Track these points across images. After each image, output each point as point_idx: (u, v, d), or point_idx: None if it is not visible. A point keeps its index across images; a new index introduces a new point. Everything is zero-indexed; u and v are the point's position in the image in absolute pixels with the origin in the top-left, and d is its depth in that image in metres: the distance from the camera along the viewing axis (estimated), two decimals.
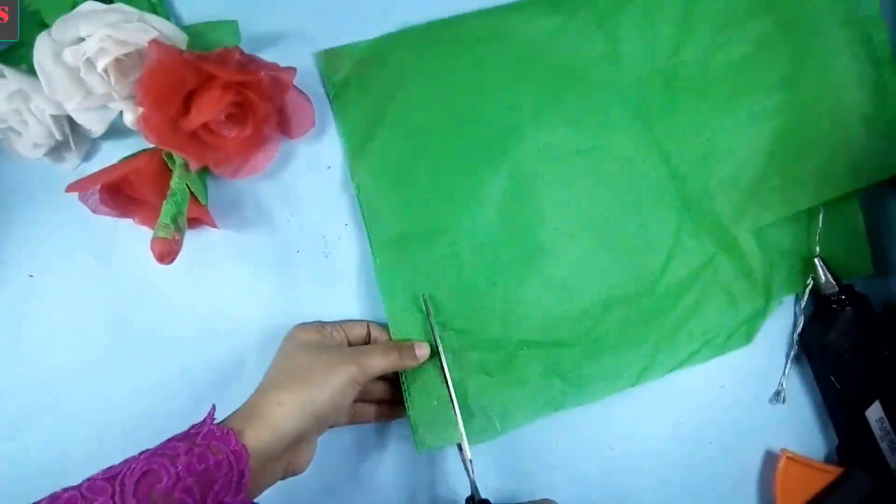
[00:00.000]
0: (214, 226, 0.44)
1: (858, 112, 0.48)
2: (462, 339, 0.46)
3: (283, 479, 0.38)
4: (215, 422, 0.35)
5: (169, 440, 0.34)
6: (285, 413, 0.36)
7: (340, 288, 0.47)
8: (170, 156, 0.42)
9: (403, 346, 0.43)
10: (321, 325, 0.43)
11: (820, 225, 0.48)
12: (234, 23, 0.44)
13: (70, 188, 0.41)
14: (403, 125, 0.46)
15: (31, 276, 0.45)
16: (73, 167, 0.45)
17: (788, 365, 0.49)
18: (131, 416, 0.44)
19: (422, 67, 0.46)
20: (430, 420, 0.44)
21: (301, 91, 0.44)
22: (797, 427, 0.50)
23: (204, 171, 0.44)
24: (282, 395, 0.36)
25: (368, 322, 0.45)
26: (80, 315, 0.45)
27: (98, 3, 0.39)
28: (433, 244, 0.46)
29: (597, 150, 0.47)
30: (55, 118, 0.41)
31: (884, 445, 0.46)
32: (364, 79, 0.46)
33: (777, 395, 0.50)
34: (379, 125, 0.46)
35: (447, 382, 0.43)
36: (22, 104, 0.40)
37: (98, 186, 0.41)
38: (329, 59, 0.46)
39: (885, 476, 0.46)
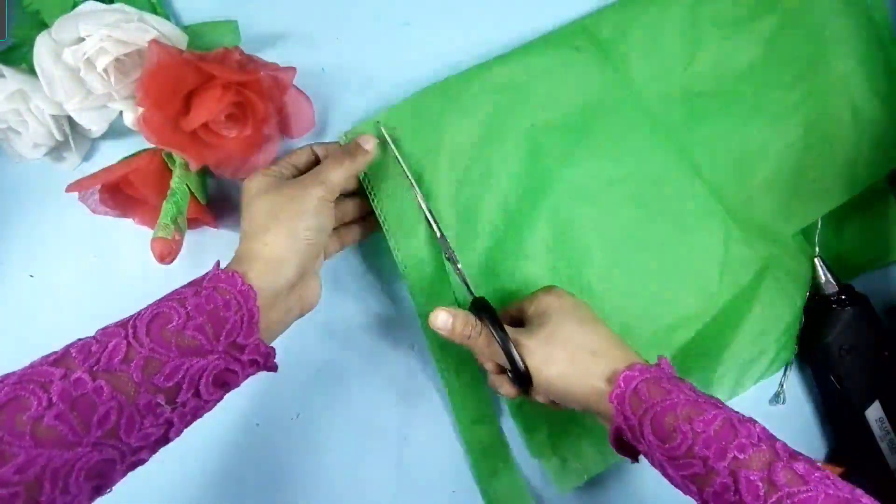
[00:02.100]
0: (214, 226, 0.44)
1: (875, 96, 0.48)
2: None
3: (299, 317, 0.39)
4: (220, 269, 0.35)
5: (176, 288, 0.34)
6: (275, 252, 0.36)
7: (340, 287, 0.46)
8: (170, 156, 0.42)
9: (350, 147, 0.41)
10: (266, 169, 0.41)
11: (819, 226, 0.48)
12: (234, 23, 0.44)
13: (70, 188, 0.41)
14: (436, 196, 0.44)
15: (31, 275, 0.45)
16: (73, 167, 0.45)
17: (788, 365, 0.49)
18: None
19: (445, 130, 0.44)
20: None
21: (301, 91, 0.44)
22: (797, 427, 0.50)
23: (204, 171, 0.44)
24: (264, 237, 0.36)
25: (310, 145, 0.43)
26: (81, 315, 0.45)
27: (98, 3, 0.39)
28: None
29: (630, 177, 0.46)
30: (55, 118, 0.41)
31: (883, 445, 0.46)
32: (389, 152, 0.44)
33: (777, 396, 0.50)
34: (412, 199, 0.44)
35: (423, 207, 0.42)
36: (22, 104, 0.40)
37: (98, 186, 0.41)
38: (352, 137, 0.43)
39: (885, 476, 0.46)
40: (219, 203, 0.46)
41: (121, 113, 0.42)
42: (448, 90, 0.45)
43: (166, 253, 0.38)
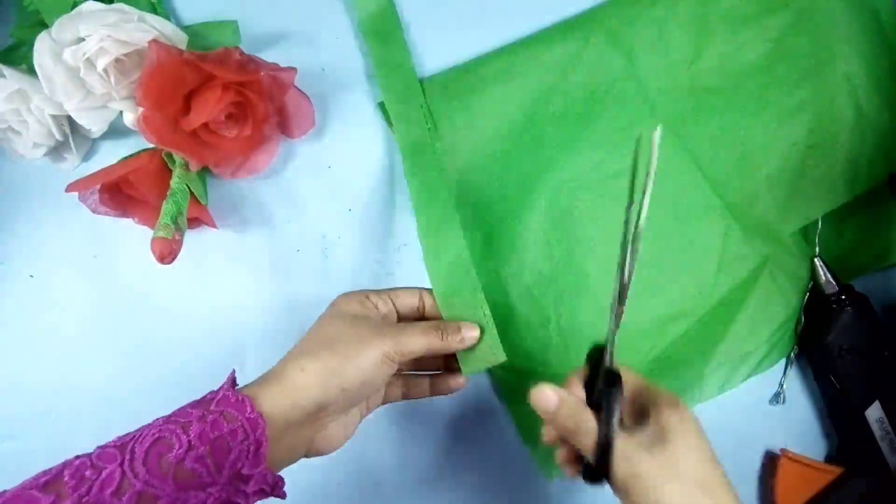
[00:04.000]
0: (214, 226, 0.44)
1: (879, 98, 0.48)
2: (522, 377, 0.46)
3: (306, 456, 0.36)
4: (235, 388, 0.34)
5: (184, 406, 0.33)
6: (306, 380, 0.34)
7: (340, 288, 0.46)
8: (170, 156, 0.42)
9: (448, 327, 0.38)
10: (366, 294, 0.39)
11: (820, 226, 0.48)
12: (234, 23, 0.44)
13: (70, 188, 0.41)
14: (437, 180, 0.45)
15: (31, 276, 0.45)
16: (73, 167, 0.45)
17: (788, 365, 0.49)
18: (131, 416, 0.43)
19: (445, 118, 0.46)
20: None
21: (301, 91, 0.44)
22: (797, 427, 0.50)
23: (204, 171, 0.44)
24: (305, 362, 0.34)
25: (421, 290, 0.41)
26: (81, 315, 0.45)
27: (98, 3, 0.39)
28: (484, 293, 0.45)
29: (630, 170, 0.47)
30: (55, 118, 0.41)
31: (883, 445, 0.46)
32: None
33: (777, 396, 0.50)
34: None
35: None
36: (22, 104, 0.40)
37: (98, 186, 0.41)
38: None
39: (885, 476, 0.46)
40: (219, 203, 0.46)
41: (121, 113, 0.42)
42: (448, 81, 0.46)
43: (166, 253, 0.38)
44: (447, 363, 0.42)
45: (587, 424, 0.33)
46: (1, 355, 0.45)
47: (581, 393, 0.35)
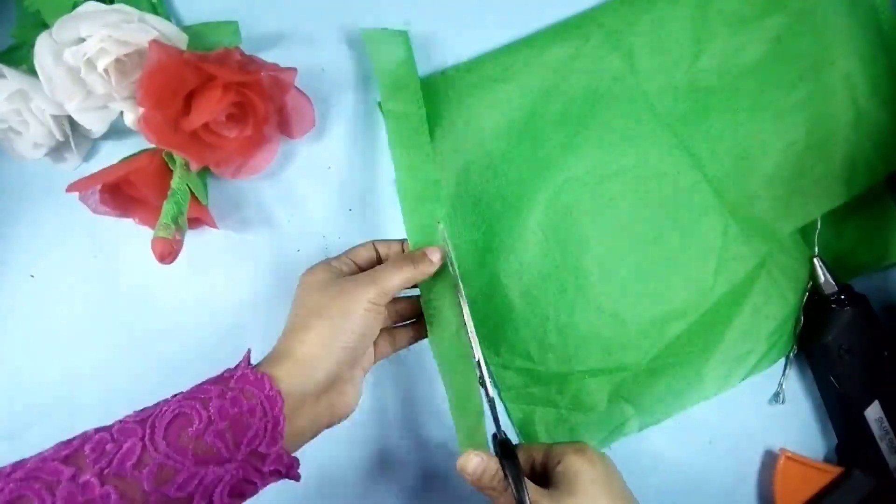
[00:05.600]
0: (215, 226, 0.44)
1: (878, 97, 0.48)
2: (523, 376, 0.46)
3: (328, 426, 0.37)
4: (250, 365, 0.34)
5: (202, 383, 0.33)
6: (310, 351, 0.34)
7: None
8: (170, 156, 0.42)
9: (415, 255, 0.39)
10: (326, 261, 0.40)
11: (819, 226, 0.48)
12: (234, 23, 0.44)
13: (71, 188, 0.41)
14: (441, 183, 0.46)
15: (32, 276, 0.45)
16: (74, 167, 0.45)
17: (788, 365, 0.49)
18: None
19: (445, 117, 0.46)
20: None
21: (301, 91, 0.45)
22: (796, 427, 0.50)
23: (204, 171, 0.44)
24: (302, 335, 0.35)
25: (373, 241, 0.41)
26: (81, 315, 0.45)
27: (98, 4, 0.39)
28: (483, 293, 0.46)
29: (630, 169, 0.47)
30: (56, 118, 0.41)
31: (883, 445, 0.46)
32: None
33: (776, 396, 0.50)
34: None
35: (467, 326, 0.39)
36: (22, 104, 0.40)
37: (98, 186, 0.41)
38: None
39: (885, 476, 0.46)
40: (219, 203, 0.46)
41: (121, 113, 0.42)
42: (448, 80, 0.47)
43: (167, 253, 0.38)
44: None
45: (504, 483, 0.35)
46: (1, 355, 0.45)
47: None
